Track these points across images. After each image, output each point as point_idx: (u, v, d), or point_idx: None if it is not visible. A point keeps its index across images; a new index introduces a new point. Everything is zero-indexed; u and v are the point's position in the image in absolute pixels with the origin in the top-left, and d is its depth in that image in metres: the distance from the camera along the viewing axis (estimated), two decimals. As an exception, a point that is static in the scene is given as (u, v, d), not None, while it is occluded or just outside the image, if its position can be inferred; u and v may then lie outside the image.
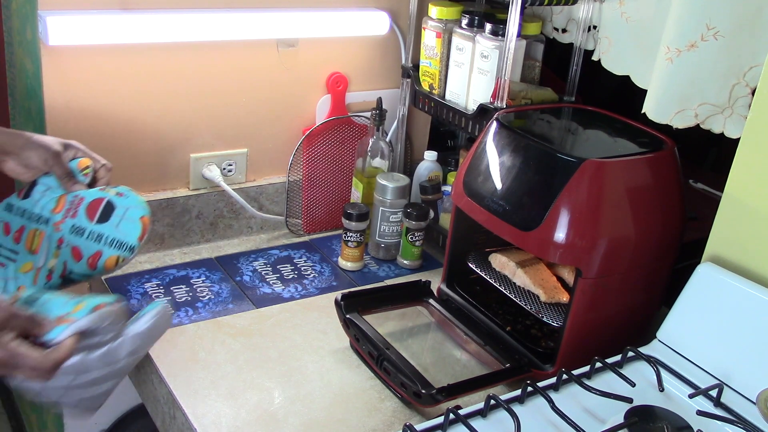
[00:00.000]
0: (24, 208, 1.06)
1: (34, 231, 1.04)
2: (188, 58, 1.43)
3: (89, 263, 1.03)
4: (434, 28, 1.48)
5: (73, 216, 1.04)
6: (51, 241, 1.04)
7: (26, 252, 1.04)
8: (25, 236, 1.04)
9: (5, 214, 1.06)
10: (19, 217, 1.05)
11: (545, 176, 1.09)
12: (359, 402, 1.12)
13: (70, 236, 1.04)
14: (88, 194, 1.06)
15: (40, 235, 1.04)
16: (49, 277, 1.02)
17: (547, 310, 1.19)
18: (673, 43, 1.15)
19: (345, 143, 1.66)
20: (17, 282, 1.02)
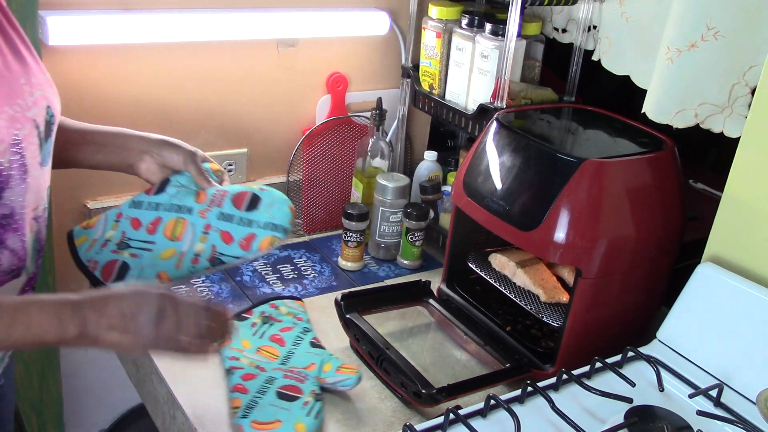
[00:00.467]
0: (158, 202, 1.07)
1: (174, 220, 1.06)
2: (188, 58, 1.43)
3: (242, 245, 1.05)
4: (434, 28, 1.48)
5: (219, 205, 1.06)
6: (196, 228, 1.05)
7: (166, 240, 1.05)
8: (163, 226, 1.06)
9: (132, 211, 1.08)
10: (152, 210, 1.07)
11: (545, 176, 1.09)
12: (359, 402, 1.12)
13: (217, 222, 1.06)
14: (230, 189, 1.09)
15: (182, 223, 1.05)
16: (195, 261, 1.04)
17: (547, 310, 1.19)
18: (674, 43, 1.15)
19: (345, 143, 1.66)
20: (156, 268, 1.05)
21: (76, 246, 1.07)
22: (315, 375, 1.11)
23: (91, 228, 1.08)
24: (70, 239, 1.08)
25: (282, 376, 1.09)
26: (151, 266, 1.05)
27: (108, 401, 1.69)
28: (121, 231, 1.07)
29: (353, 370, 1.11)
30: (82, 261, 1.06)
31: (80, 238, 1.08)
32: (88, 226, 1.09)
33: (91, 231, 1.08)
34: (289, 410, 1.03)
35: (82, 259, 1.06)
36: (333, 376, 1.11)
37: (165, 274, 1.05)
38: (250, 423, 1.00)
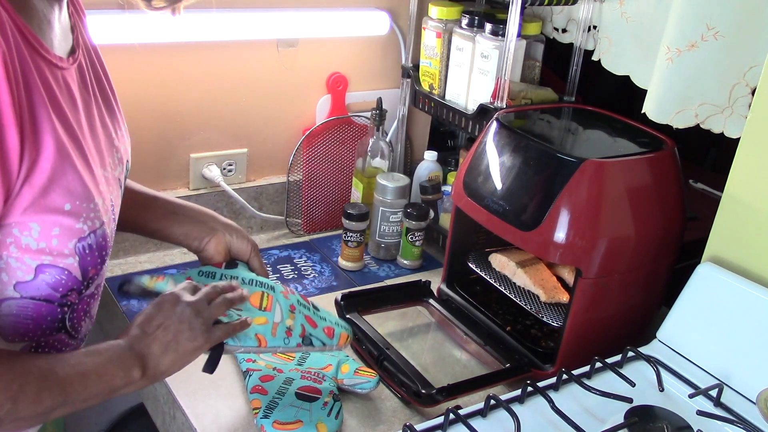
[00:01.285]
0: (235, 276, 1.01)
1: (260, 293, 0.99)
2: (188, 58, 1.43)
3: (326, 332, 1.02)
4: (434, 28, 1.48)
5: (292, 294, 1.03)
6: (282, 304, 1.00)
7: (255, 309, 0.97)
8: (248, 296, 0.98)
9: (206, 279, 1.00)
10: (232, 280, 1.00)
11: (545, 176, 1.09)
12: (359, 402, 1.12)
13: (299, 306, 1.02)
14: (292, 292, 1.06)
15: (268, 297, 0.99)
16: (288, 333, 0.98)
17: (547, 310, 1.19)
18: (674, 43, 1.15)
19: (345, 143, 1.66)
20: (252, 330, 0.95)
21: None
22: (332, 375, 1.11)
23: (160, 281, 0.97)
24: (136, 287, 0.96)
25: (299, 377, 1.09)
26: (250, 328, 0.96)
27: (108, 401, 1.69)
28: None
29: (372, 374, 1.11)
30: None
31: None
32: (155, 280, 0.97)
33: (160, 284, 0.96)
34: (309, 411, 1.03)
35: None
36: (351, 378, 1.11)
37: (263, 338, 0.96)
38: (272, 423, 1.00)
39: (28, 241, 0.74)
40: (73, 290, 0.80)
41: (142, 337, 0.83)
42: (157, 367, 0.83)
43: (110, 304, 1.34)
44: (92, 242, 0.79)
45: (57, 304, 0.80)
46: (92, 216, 0.78)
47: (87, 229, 0.78)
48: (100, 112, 0.88)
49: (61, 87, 0.77)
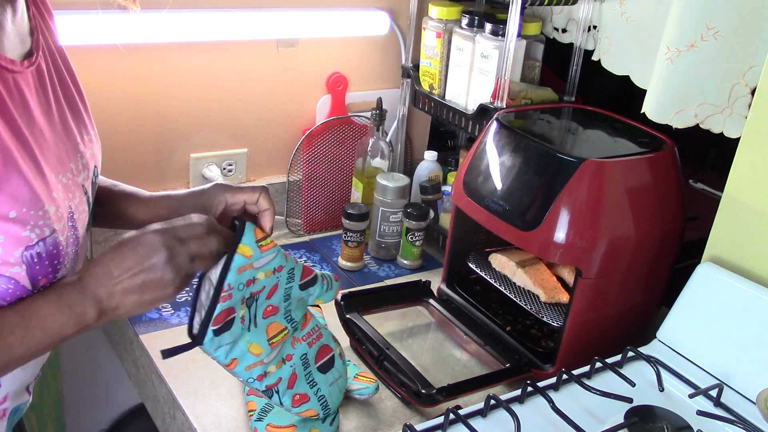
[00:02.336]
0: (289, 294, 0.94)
1: (283, 327, 0.93)
2: (188, 58, 1.43)
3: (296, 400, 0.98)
4: (434, 28, 1.48)
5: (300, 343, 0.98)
6: (283, 351, 0.94)
7: (265, 335, 0.91)
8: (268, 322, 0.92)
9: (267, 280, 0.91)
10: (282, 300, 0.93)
11: (545, 176, 1.09)
12: (359, 402, 1.12)
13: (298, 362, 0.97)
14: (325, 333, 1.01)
15: (283, 336, 0.93)
16: (259, 378, 0.93)
17: (547, 310, 1.19)
18: (673, 43, 1.15)
19: (345, 143, 1.66)
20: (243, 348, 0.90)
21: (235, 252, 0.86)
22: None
23: (261, 251, 0.89)
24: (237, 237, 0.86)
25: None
26: (239, 348, 0.90)
27: (108, 401, 1.70)
28: (263, 285, 0.90)
29: (371, 379, 1.11)
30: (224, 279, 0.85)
31: (245, 249, 0.87)
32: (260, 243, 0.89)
33: (258, 255, 0.88)
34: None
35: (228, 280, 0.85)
36: (350, 383, 1.10)
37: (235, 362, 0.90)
38: (266, 426, 1.00)
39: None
40: (22, 299, 0.76)
41: (106, 278, 0.78)
42: (115, 310, 0.78)
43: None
44: (41, 251, 0.75)
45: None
46: (41, 224, 0.75)
47: (35, 237, 0.74)
48: (63, 117, 0.85)
49: (10, 91, 0.74)
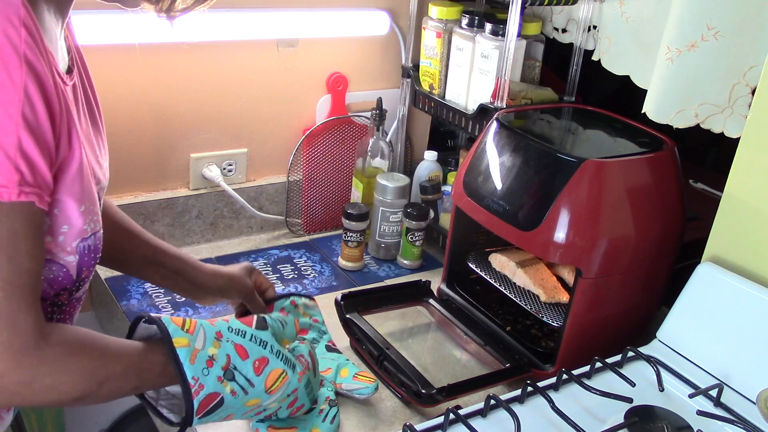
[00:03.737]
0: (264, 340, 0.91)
1: (280, 371, 0.90)
2: (188, 58, 1.43)
3: None
4: (434, 28, 1.48)
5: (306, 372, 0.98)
6: (289, 388, 0.93)
7: (263, 389, 0.89)
8: (268, 371, 0.89)
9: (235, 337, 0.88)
10: (259, 347, 0.90)
11: (545, 176, 1.09)
12: (359, 402, 1.12)
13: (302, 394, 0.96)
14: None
15: (284, 379, 0.91)
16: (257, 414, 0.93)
17: (547, 310, 1.19)
18: (674, 43, 1.15)
19: (345, 143, 1.66)
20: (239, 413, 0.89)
21: (175, 348, 0.81)
22: (331, 380, 1.11)
23: (190, 333, 0.84)
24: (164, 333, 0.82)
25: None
26: (237, 410, 0.88)
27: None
28: (226, 354, 0.85)
29: (371, 379, 1.11)
30: (186, 377, 0.81)
31: (180, 340, 0.82)
32: (186, 329, 0.84)
33: (192, 337, 0.84)
34: (304, 417, 1.02)
35: (187, 375, 0.81)
36: (349, 383, 1.10)
37: (232, 416, 0.89)
38: (267, 428, 1.00)
39: None
40: (65, 290, 0.80)
41: None
42: None
43: (110, 303, 1.35)
44: (91, 243, 0.80)
45: (48, 303, 0.80)
46: (95, 219, 0.80)
47: (90, 230, 0.79)
48: (87, 131, 0.88)
49: (69, 102, 0.78)
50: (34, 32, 0.66)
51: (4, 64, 0.62)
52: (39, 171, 0.67)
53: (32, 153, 0.66)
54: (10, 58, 0.63)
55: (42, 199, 0.68)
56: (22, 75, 0.63)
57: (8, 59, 0.63)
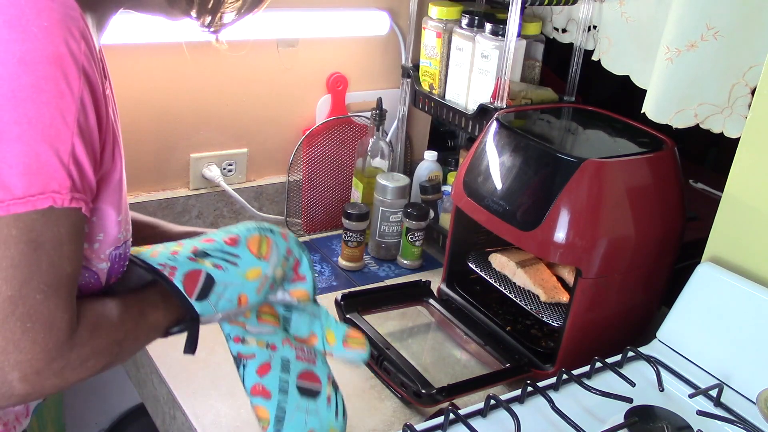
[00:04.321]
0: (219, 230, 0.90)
1: (258, 236, 0.88)
2: (188, 58, 1.43)
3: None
4: (434, 28, 1.48)
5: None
6: (280, 248, 0.91)
7: (252, 256, 0.86)
8: (245, 240, 0.87)
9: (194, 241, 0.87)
10: (222, 233, 0.88)
11: (545, 176, 1.09)
12: (359, 402, 1.12)
13: (298, 249, 0.95)
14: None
15: (267, 241, 0.89)
16: (272, 287, 0.93)
17: (547, 310, 1.19)
18: (673, 43, 1.15)
19: (345, 143, 1.66)
20: (240, 289, 0.87)
21: (137, 255, 0.83)
22: (321, 349, 1.03)
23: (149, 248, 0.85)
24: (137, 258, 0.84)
25: (294, 357, 1.00)
26: (236, 285, 0.86)
27: (108, 401, 1.70)
28: (192, 245, 0.85)
29: (361, 342, 1.01)
30: (152, 265, 0.82)
31: (141, 248, 0.84)
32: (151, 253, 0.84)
33: (153, 248, 0.85)
34: (317, 413, 0.97)
35: (152, 264, 0.82)
36: (341, 351, 1.01)
37: (245, 297, 0.87)
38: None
39: None
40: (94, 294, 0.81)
41: None
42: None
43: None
44: (121, 251, 0.81)
45: None
46: (126, 228, 0.82)
47: (122, 238, 0.80)
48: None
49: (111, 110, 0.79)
50: (91, 45, 0.68)
51: (65, 74, 0.64)
52: (87, 178, 0.69)
53: (83, 160, 0.67)
54: (71, 69, 0.65)
55: (87, 206, 0.69)
56: (79, 85, 0.66)
57: (69, 70, 0.65)
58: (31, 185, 0.64)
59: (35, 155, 0.64)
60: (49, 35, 0.63)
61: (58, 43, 0.64)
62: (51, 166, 0.65)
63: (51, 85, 0.63)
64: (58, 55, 0.64)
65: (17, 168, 0.63)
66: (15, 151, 0.63)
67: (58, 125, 0.65)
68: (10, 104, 0.62)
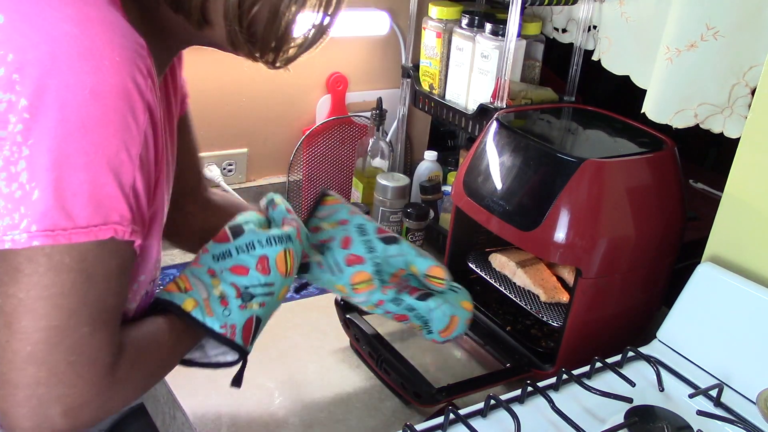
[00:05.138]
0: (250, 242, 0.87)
1: (283, 252, 0.87)
2: (188, 58, 1.43)
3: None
4: (434, 28, 1.48)
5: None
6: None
7: (282, 277, 0.87)
8: (274, 262, 0.87)
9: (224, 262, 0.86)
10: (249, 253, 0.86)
11: (545, 176, 1.09)
12: (359, 402, 1.12)
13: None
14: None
15: (290, 253, 0.89)
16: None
17: (547, 310, 1.19)
18: (673, 43, 1.15)
19: (345, 143, 1.66)
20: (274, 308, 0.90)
21: (190, 314, 0.82)
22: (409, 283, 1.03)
23: (189, 289, 0.84)
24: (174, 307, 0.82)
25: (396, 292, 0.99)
26: (276, 304, 0.89)
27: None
28: (230, 283, 0.84)
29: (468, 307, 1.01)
30: (215, 331, 0.82)
31: (188, 303, 0.82)
32: (184, 288, 0.84)
33: (193, 292, 0.83)
34: (444, 298, 0.99)
35: (215, 329, 0.82)
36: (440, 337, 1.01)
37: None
38: (438, 333, 0.99)
39: None
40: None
41: None
42: None
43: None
44: (150, 289, 0.83)
45: None
46: (158, 266, 0.83)
47: (153, 277, 0.82)
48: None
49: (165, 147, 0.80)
50: (156, 83, 0.70)
51: (132, 107, 0.65)
52: (143, 212, 0.70)
53: (141, 194, 0.68)
54: (138, 103, 0.66)
55: (140, 244, 0.70)
56: (144, 120, 0.67)
57: (136, 104, 0.65)
58: (94, 215, 0.64)
59: (100, 185, 0.64)
60: (120, 69, 0.64)
61: (127, 77, 0.64)
62: (114, 198, 0.65)
63: (118, 117, 0.64)
64: (127, 89, 0.64)
65: (82, 197, 0.63)
66: (80, 180, 0.63)
67: (123, 157, 0.65)
68: (79, 133, 0.62)
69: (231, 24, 0.74)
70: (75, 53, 0.62)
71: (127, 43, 0.66)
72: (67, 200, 0.62)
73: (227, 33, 0.75)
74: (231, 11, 0.73)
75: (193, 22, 0.75)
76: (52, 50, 0.62)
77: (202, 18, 0.74)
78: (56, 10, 0.64)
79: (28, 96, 0.61)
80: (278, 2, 0.74)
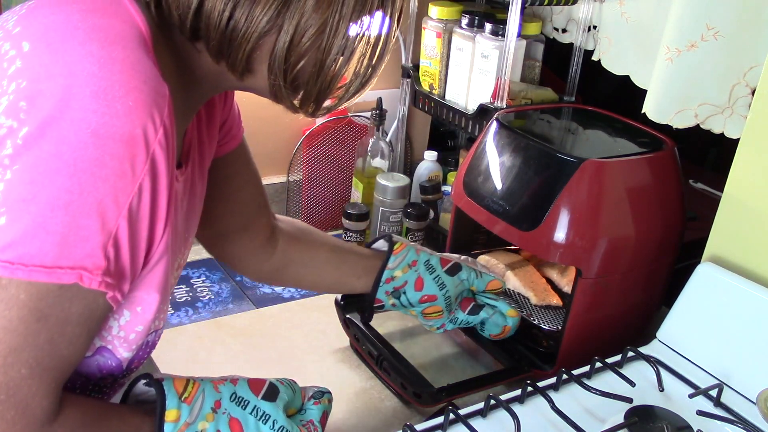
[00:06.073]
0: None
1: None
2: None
3: None
4: (434, 28, 1.48)
5: None
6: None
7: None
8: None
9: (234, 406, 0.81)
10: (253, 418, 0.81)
11: (545, 176, 1.09)
12: (359, 402, 1.12)
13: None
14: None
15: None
16: None
17: (539, 312, 1.19)
18: (673, 43, 1.15)
19: (345, 143, 1.66)
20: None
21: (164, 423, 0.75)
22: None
23: (187, 403, 0.77)
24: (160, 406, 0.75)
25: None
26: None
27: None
28: (217, 430, 0.78)
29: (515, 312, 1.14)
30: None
31: (171, 413, 0.75)
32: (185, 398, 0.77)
33: (187, 408, 0.76)
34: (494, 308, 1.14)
35: None
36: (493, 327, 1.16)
37: None
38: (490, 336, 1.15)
39: (113, 324, 0.72)
40: (112, 376, 0.77)
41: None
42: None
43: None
44: (151, 340, 0.79)
45: (92, 384, 0.77)
46: (162, 317, 0.79)
47: (153, 327, 0.77)
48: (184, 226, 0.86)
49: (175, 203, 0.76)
50: (169, 134, 0.66)
51: (132, 156, 0.62)
52: (122, 264, 0.66)
53: (124, 245, 0.65)
54: (140, 153, 0.63)
55: (114, 296, 0.66)
56: (143, 170, 0.64)
57: (138, 153, 0.63)
58: (63, 257, 0.60)
59: (77, 228, 0.61)
60: (131, 116, 0.62)
61: (136, 124, 0.62)
62: (90, 244, 0.61)
63: (114, 163, 0.61)
64: (133, 137, 0.62)
65: (54, 236, 0.60)
66: (57, 219, 0.60)
67: (109, 203, 0.62)
68: (68, 172, 0.60)
69: (276, 77, 0.72)
70: (88, 91, 0.60)
71: (146, 88, 0.63)
72: (38, 236, 0.59)
73: (270, 85, 0.73)
74: (277, 64, 0.70)
75: (237, 71, 0.73)
76: (66, 85, 0.60)
77: (246, 68, 0.72)
78: (81, 45, 0.62)
79: (30, 125, 0.59)
80: (324, 57, 0.71)
